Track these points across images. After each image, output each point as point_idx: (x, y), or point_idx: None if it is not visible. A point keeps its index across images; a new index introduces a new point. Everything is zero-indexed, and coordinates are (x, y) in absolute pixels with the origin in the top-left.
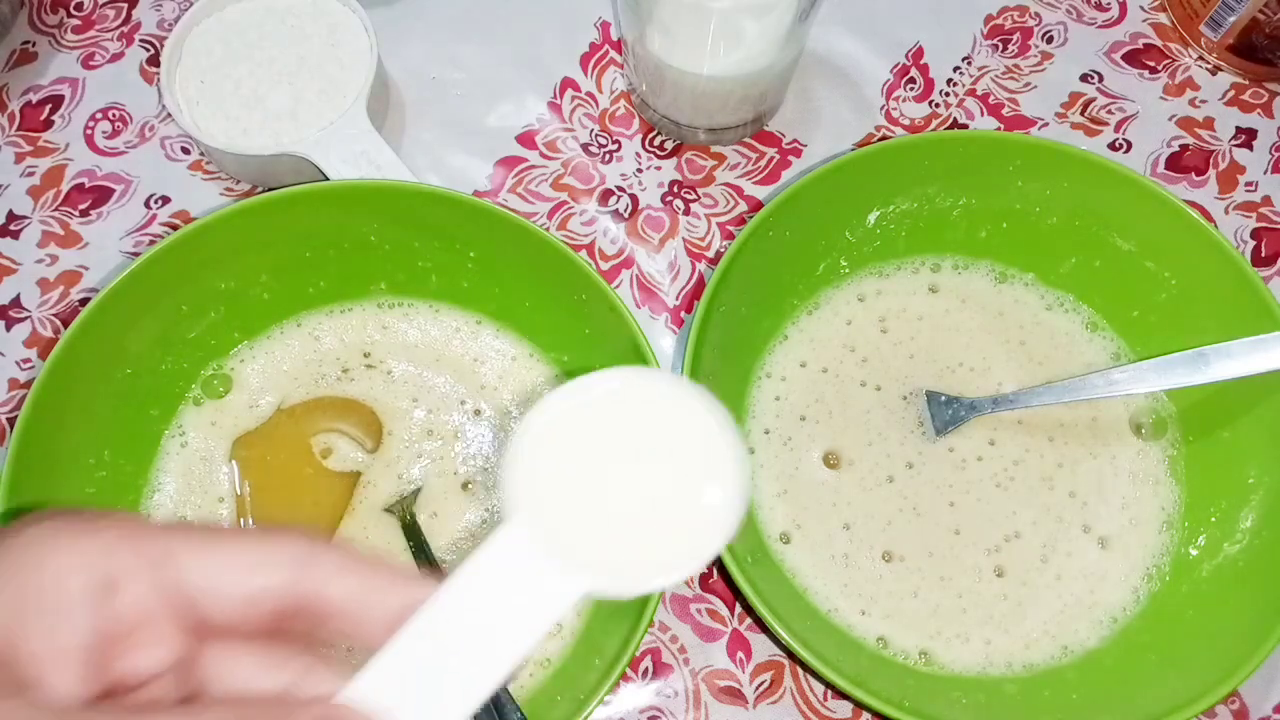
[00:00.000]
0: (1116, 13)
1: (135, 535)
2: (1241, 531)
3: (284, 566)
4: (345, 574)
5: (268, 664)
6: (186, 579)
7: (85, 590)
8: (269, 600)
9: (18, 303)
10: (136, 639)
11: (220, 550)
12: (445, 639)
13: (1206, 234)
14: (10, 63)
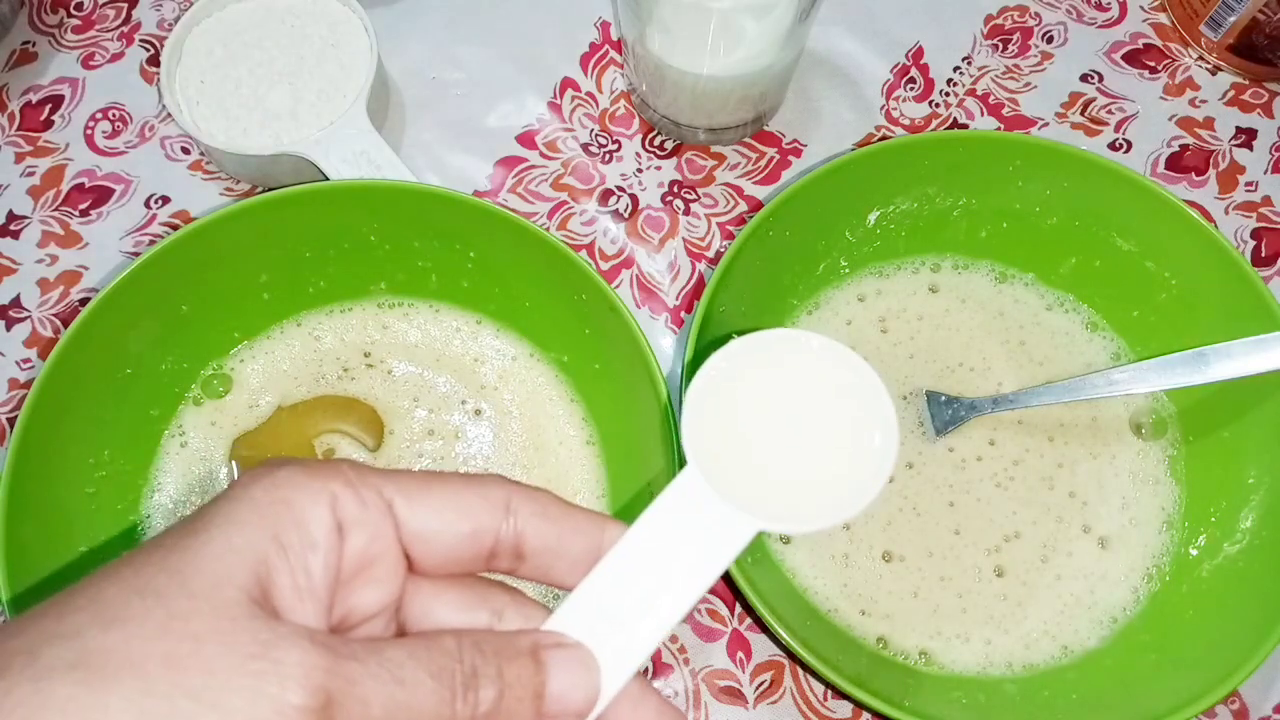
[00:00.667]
0: (1116, 13)
1: (360, 482)
2: (1241, 531)
3: (489, 511)
4: (543, 518)
5: (466, 603)
6: (403, 524)
7: (326, 533)
8: (476, 543)
9: (18, 303)
10: (365, 578)
11: (433, 497)
12: (633, 577)
13: (1207, 234)
14: (10, 63)
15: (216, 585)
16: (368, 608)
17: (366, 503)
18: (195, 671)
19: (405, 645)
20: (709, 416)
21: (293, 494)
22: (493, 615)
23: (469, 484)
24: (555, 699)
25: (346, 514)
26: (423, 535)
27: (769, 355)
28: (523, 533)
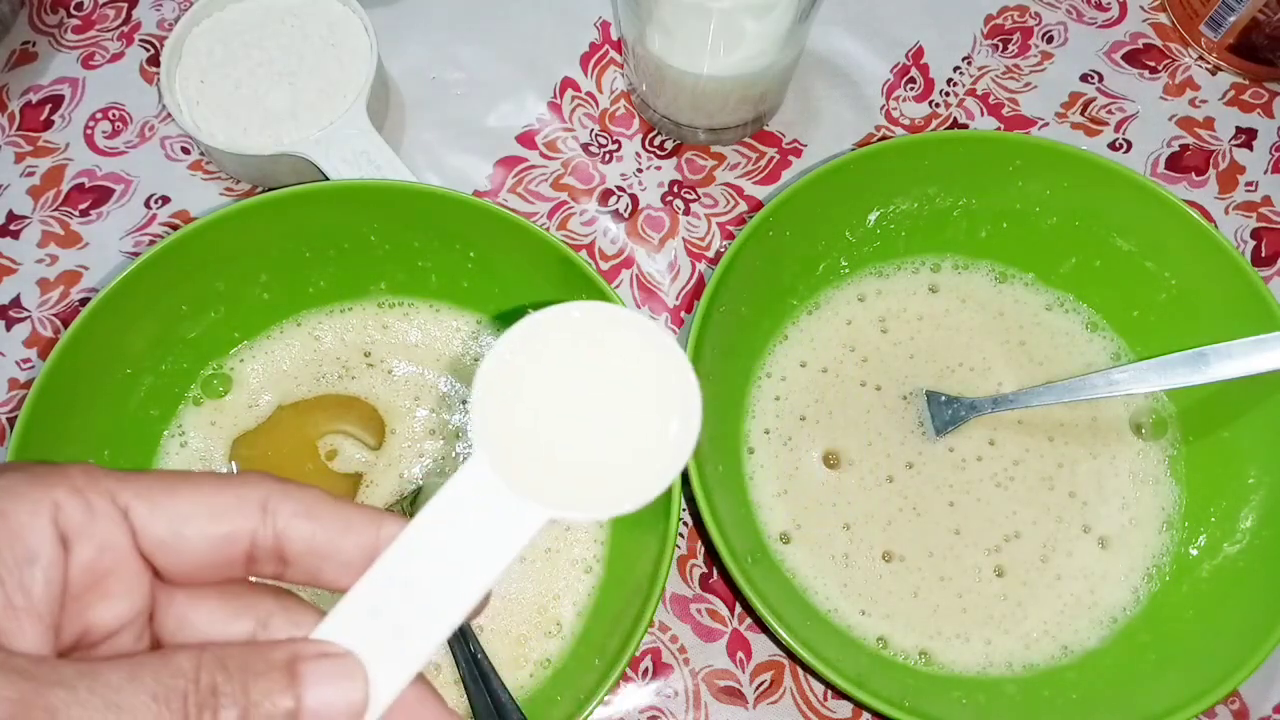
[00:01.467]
0: (1116, 12)
1: (89, 489)
2: (1241, 531)
3: (242, 513)
4: (307, 517)
5: (230, 611)
6: (144, 530)
7: (46, 545)
8: (228, 548)
9: (18, 303)
10: (99, 592)
11: (178, 500)
12: (412, 576)
13: (1207, 234)
14: (10, 63)
15: None
16: (109, 623)
17: (95, 511)
18: None
19: (126, 666)
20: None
21: (8, 504)
22: (258, 624)
23: (221, 484)
24: (312, 714)
25: (70, 524)
26: (166, 542)
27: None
28: (284, 534)
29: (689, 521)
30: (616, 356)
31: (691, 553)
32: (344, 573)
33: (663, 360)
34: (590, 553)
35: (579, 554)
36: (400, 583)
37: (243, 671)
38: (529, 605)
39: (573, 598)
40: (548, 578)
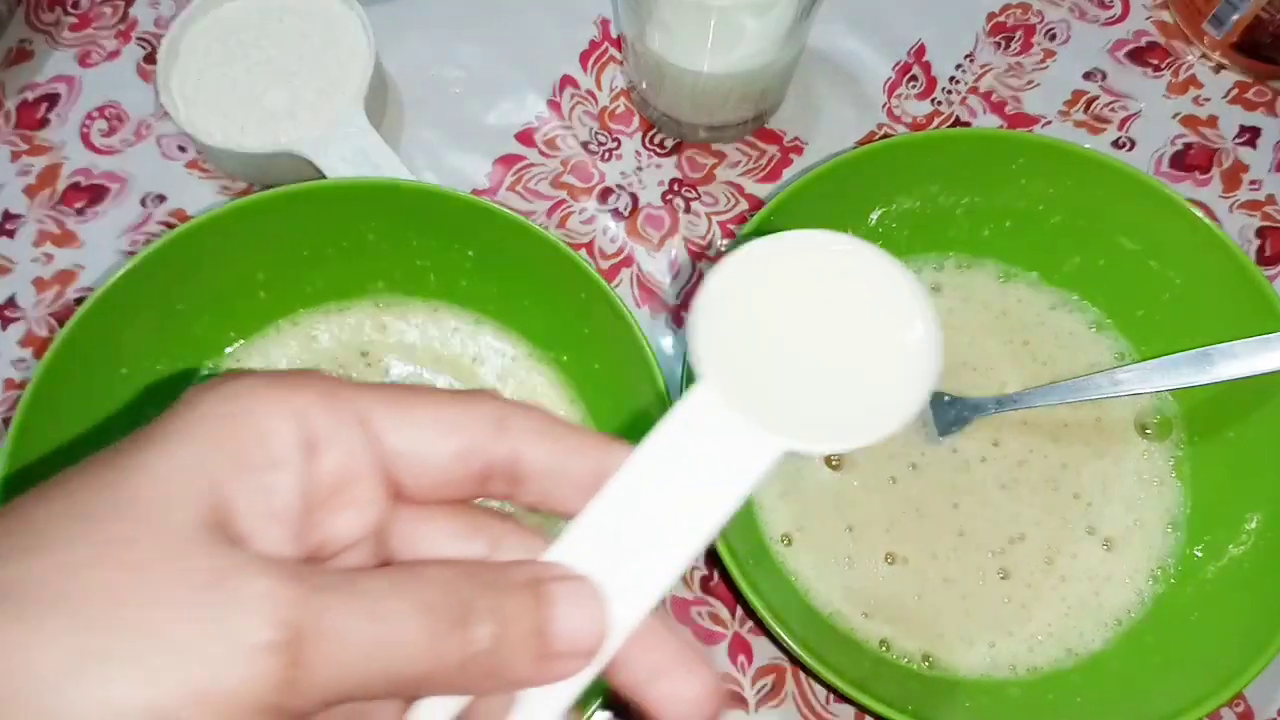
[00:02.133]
0: (1120, 10)
1: (333, 395)
2: (1247, 533)
3: (481, 427)
4: (541, 436)
5: (459, 531)
6: (385, 441)
7: (291, 450)
8: (466, 463)
9: (13, 302)
10: (339, 502)
11: (419, 411)
12: (643, 504)
13: (1211, 233)
14: (6, 61)
15: (161, 507)
16: (346, 536)
17: (341, 415)
18: (138, 603)
19: (387, 575)
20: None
21: (252, 405)
22: (489, 545)
23: (458, 398)
24: (560, 637)
25: (317, 428)
26: (407, 454)
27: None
28: (519, 452)
29: None
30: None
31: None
32: (574, 496)
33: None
34: None
35: None
36: (630, 511)
37: (494, 588)
38: None
39: None
40: None
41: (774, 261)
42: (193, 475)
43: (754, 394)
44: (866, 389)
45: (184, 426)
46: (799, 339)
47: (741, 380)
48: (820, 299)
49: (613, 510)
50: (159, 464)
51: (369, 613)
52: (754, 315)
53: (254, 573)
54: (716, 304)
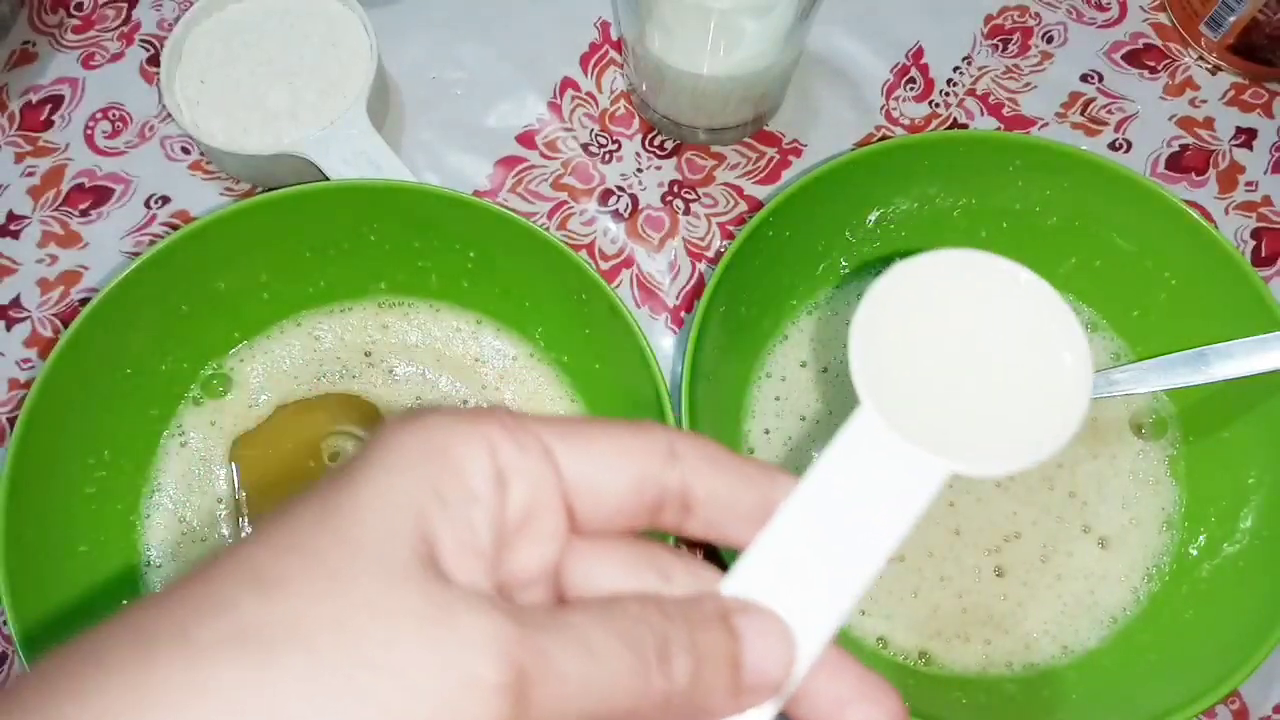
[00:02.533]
0: (1116, 12)
1: (519, 427)
2: (1241, 532)
3: (654, 457)
4: (711, 465)
5: (631, 564)
6: (566, 471)
7: (487, 483)
8: (641, 493)
9: (18, 303)
10: (525, 535)
11: (597, 441)
12: (814, 533)
13: (1207, 234)
14: (10, 63)
15: (381, 541)
16: (528, 571)
17: (526, 448)
18: (370, 640)
19: (588, 611)
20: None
21: (448, 440)
22: (660, 576)
23: (630, 427)
24: (752, 670)
25: (506, 461)
26: (586, 485)
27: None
28: (690, 481)
29: None
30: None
31: (691, 553)
32: (742, 526)
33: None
34: None
35: None
36: (801, 540)
37: (688, 621)
38: None
39: None
40: None
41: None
42: (404, 510)
43: (915, 416)
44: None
45: (388, 462)
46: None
47: (902, 402)
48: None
49: (784, 540)
50: (373, 500)
51: (585, 651)
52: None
53: (475, 610)
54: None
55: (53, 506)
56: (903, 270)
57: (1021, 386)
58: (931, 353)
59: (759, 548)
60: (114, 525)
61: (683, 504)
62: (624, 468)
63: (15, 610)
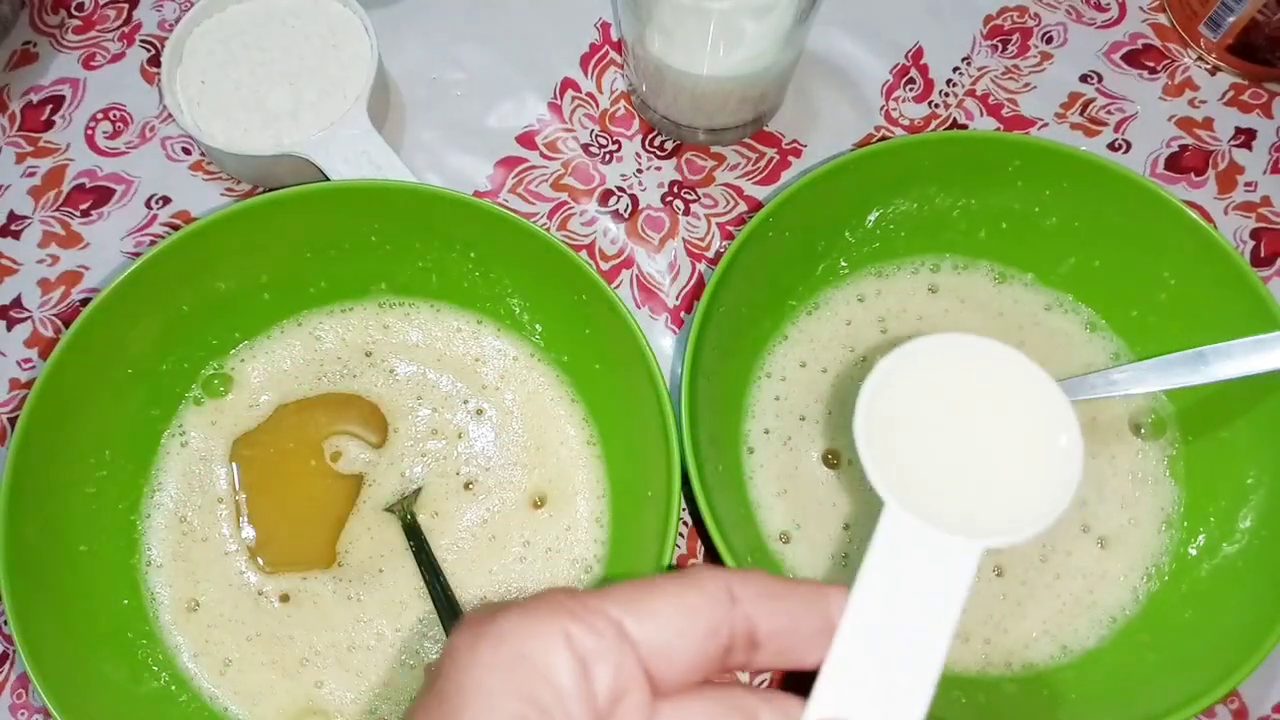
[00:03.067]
0: (1116, 13)
1: (584, 612)
2: (1240, 532)
3: (716, 604)
4: (768, 598)
5: (718, 713)
6: (640, 642)
7: (573, 677)
8: (713, 643)
9: (19, 303)
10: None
11: (661, 606)
12: (878, 638)
13: (1206, 234)
14: (11, 63)
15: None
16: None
17: (600, 631)
18: None
19: None
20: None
21: (525, 645)
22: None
23: (688, 581)
24: None
25: (585, 649)
26: (660, 650)
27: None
28: (753, 620)
29: (689, 521)
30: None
31: (691, 552)
32: (808, 648)
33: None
34: (590, 553)
35: (579, 554)
36: (869, 649)
37: None
38: None
39: None
40: (548, 578)
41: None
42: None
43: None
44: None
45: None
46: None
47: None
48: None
49: (853, 654)
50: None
51: None
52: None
53: None
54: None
55: (53, 506)
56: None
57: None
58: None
59: (832, 667)
60: (114, 525)
61: (749, 642)
62: (692, 626)
63: (15, 610)
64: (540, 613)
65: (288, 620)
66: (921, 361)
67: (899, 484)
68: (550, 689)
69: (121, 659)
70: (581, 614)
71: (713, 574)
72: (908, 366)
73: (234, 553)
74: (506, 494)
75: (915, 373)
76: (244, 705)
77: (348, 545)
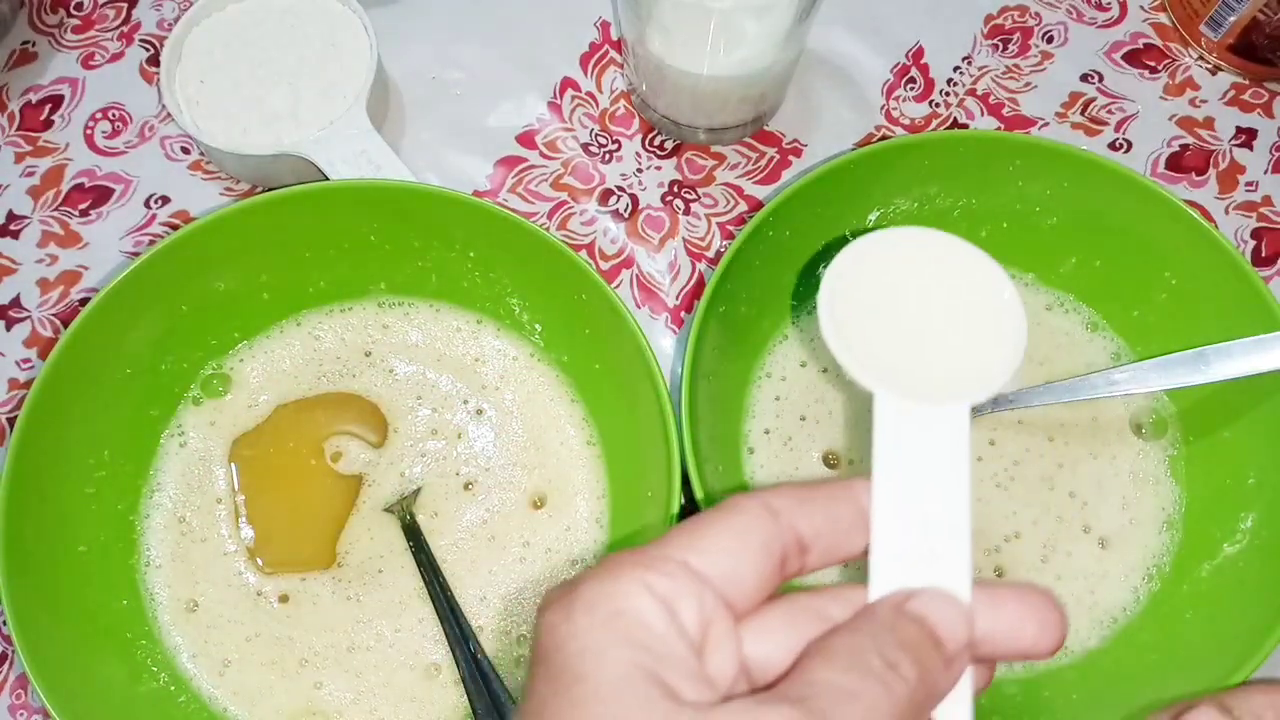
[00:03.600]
0: (1117, 12)
1: (650, 560)
2: (1241, 532)
3: (762, 523)
4: (803, 504)
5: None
6: (709, 573)
7: (664, 619)
8: (769, 558)
9: (18, 303)
10: (710, 645)
11: (711, 539)
12: (909, 509)
13: (1207, 234)
14: (10, 63)
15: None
16: (727, 675)
17: (672, 574)
18: None
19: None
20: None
21: (615, 603)
22: (820, 618)
23: (728, 511)
24: (948, 636)
25: (664, 592)
26: (729, 577)
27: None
28: (795, 525)
29: None
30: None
31: None
32: (852, 538)
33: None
34: (590, 553)
35: (579, 554)
36: (904, 522)
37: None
38: (529, 605)
39: None
40: (548, 578)
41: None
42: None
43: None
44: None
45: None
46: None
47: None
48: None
49: (892, 530)
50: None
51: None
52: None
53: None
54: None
55: (53, 506)
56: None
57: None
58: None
59: (878, 548)
60: (114, 525)
61: (799, 548)
62: (747, 547)
63: (14, 610)
64: (616, 571)
65: (287, 621)
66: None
67: (877, 374)
68: (651, 634)
69: (120, 659)
70: (651, 563)
71: (748, 497)
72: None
73: (233, 553)
74: (506, 494)
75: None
76: (243, 706)
77: (347, 546)
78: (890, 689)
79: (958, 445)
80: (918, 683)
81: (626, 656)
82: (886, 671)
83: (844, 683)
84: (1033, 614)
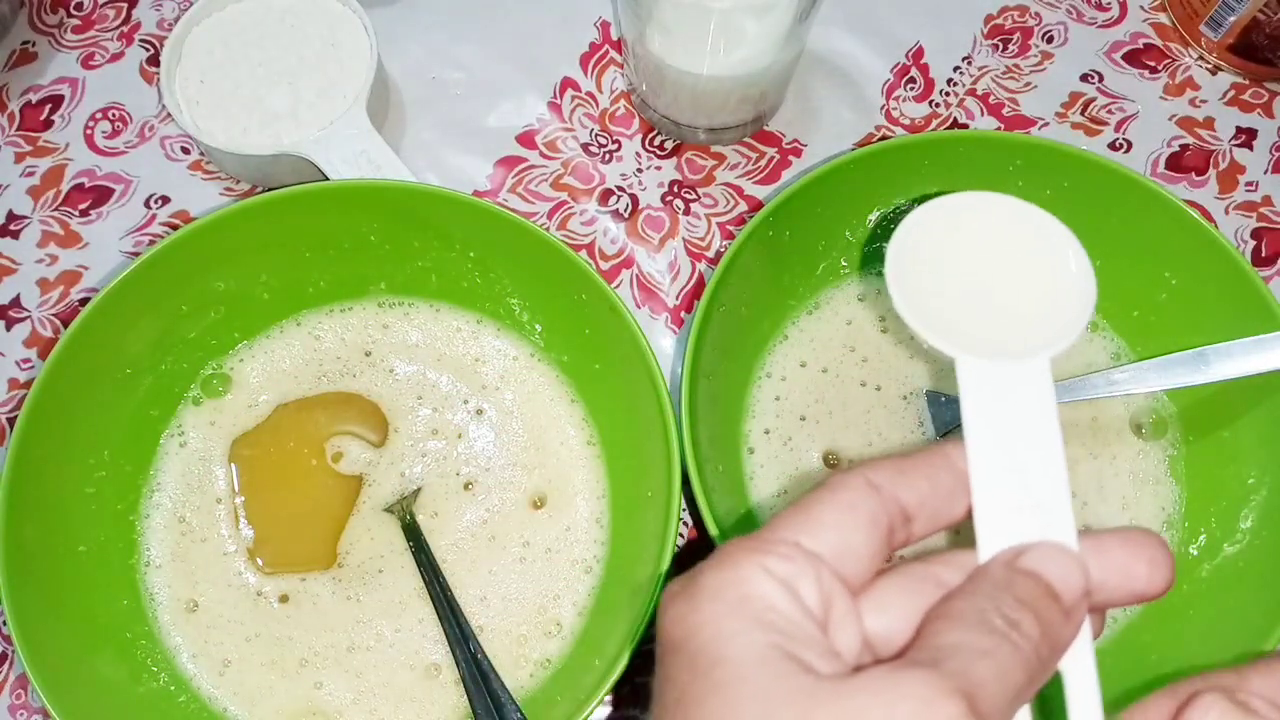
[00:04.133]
0: (1117, 12)
1: (767, 546)
2: (1241, 532)
3: (865, 498)
4: (901, 474)
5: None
6: (823, 552)
7: (787, 599)
8: (876, 531)
9: (18, 303)
10: (834, 621)
11: (817, 517)
12: (1006, 468)
13: (1207, 234)
14: (10, 63)
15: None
16: (852, 650)
17: (788, 556)
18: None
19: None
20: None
21: (740, 589)
22: (935, 583)
23: (832, 490)
24: (1064, 589)
25: (783, 573)
26: (844, 553)
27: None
28: (897, 496)
29: (689, 522)
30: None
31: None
32: (953, 502)
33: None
34: (590, 553)
35: (579, 554)
36: (1002, 479)
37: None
38: (529, 605)
39: (573, 598)
40: (548, 578)
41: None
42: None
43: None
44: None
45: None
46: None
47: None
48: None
49: (992, 490)
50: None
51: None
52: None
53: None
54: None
55: (53, 506)
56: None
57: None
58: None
59: (982, 507)
60: (114, 525)
61: (903, 518)
62: (855, 523)
63: (14, 610)
64: (734, 559)
65: (287, 621)
66: (928, 232)
67: (955, 340)
68: (779, 614)
69: (120, 659)
70: (766, 548)
71: (849, 475)
72: (916, 240)
73: (233, 553)
74: (506, 494)
75: (926, 243)
76: (243, 706)
77: (347, 546)
78: (1017, 649)
79: (1044, 397)
80: (1041, 638)
81: (760, 638)
82: (1010, 630)
83: (974, 643)
84: (1141, 554)
